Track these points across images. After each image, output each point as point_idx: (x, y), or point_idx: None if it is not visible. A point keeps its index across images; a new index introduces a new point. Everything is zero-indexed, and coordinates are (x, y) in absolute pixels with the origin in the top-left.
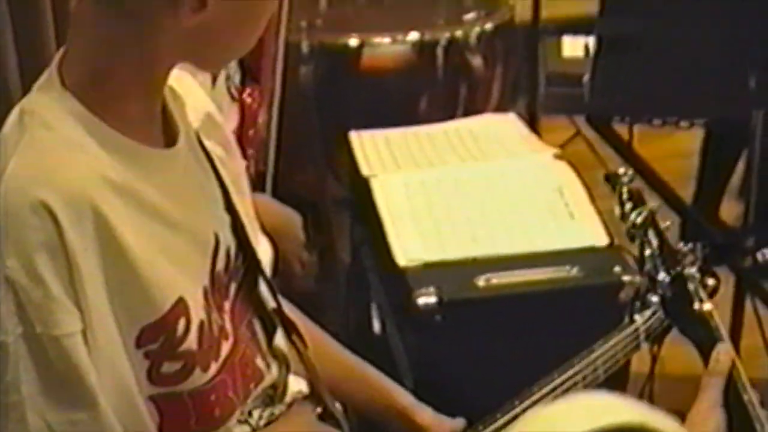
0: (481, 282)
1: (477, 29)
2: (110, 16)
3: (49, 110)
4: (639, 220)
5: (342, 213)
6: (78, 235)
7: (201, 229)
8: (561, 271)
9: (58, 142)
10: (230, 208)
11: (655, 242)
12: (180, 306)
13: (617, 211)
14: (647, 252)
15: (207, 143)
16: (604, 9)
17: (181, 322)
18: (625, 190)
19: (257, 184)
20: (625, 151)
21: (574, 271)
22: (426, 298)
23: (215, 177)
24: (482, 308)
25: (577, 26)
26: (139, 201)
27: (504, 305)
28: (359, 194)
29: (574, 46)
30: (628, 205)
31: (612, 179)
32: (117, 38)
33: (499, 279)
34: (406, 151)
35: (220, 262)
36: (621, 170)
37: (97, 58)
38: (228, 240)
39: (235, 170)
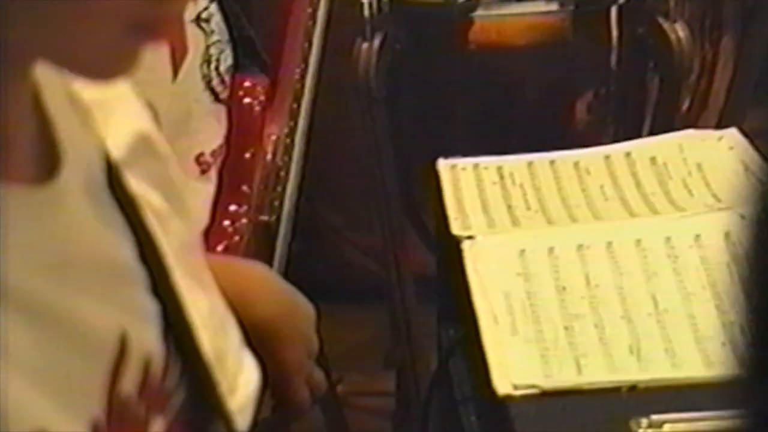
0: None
1: None
2: None
3: None
4: None
5: (428, 305)
6: None
7: (92, 322)
8: None
9: None
10: (163, 287)
11: None
12: None
13: None
14: None
15: (133, 183)
16: None
17: None
18: None
19: (256, 243)
20: None
21: None
22: None
23: (133, 237)
24: None
25: None
26: None
27: None
28: (450, 269)
29: None
30: None
31: None
32: None
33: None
34: (532, 194)
35: (128, 379)
36: None
37: None
38: (151, 342)
39: (188, 227)
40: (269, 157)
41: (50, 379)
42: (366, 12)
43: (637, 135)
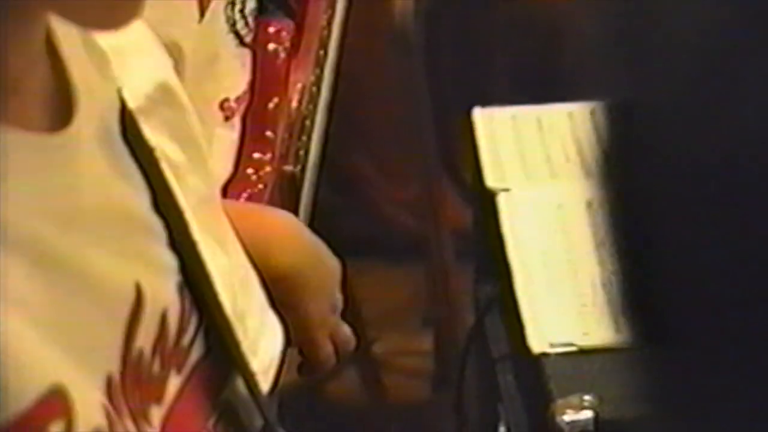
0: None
1: None
2: None
3: None
4: None
5: (466, 260)
6: None
7: (107, 274)
8: None
9: None
10: (181, 241)
11: None
12: (55, 399)
13: None
14: None
15: (149, 133)
16: None
17: (55, 428)
18: None
19: (281, 193)
20: None
21: None
22: (573, 415)
23: (149, 189)
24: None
25: None
26: None
27: None
28: (485, 223)
29: None
30: None
31: None
32: None
33: None
34: (571, 145)
35: (144, 334)
36: None
37: None
38: (167, 296)
39: (207, 181)
40: (294, 105)
41: (65, 333)
42: None
43: None
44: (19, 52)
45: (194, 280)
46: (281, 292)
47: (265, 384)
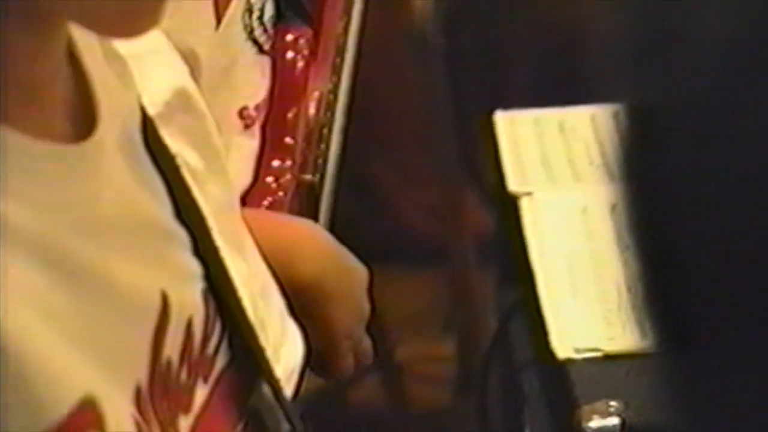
0: None
1: None
2: None
3: None
4: None
5: (487, 264)
6: None
7: (133, 284)
8: None
9: None
10: (204, 248)
11: None
12: (87, 410)
13: None
14: None
15: (169, 140)
16: None
17: None
18: None
19: (299, 202)
20: None
21: None
22: (599, 421)
23: (170, 196)
24: None
25: None
26: (21, 238)
27: None
28: (508, 228)
29: None
30: None
31: None
32: None
33: None
34: (595, 148)
35: (171, 343)
36: None
37: None
38: (192, 304)
39: (226, 187)
40: (312, 113)
41: (94, 343)
42: None
43: None
44: (41, 61)
45: (218, 286)
46: (306, 301)
47: (287, 392)
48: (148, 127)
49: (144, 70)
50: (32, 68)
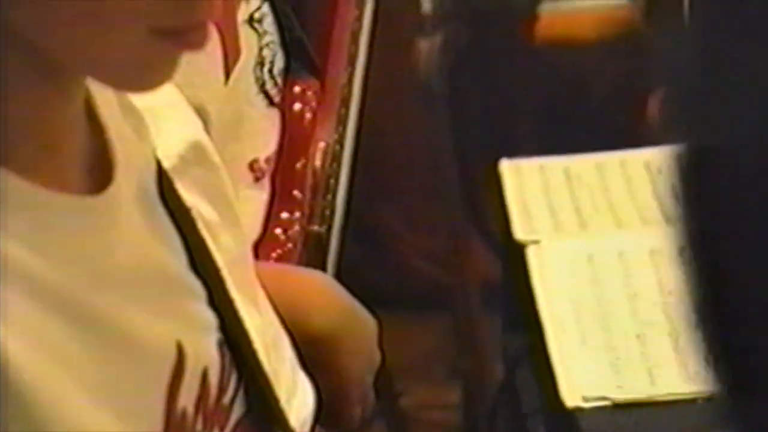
0: None
1: None
2: None
3: None
4: None
5: (493, 311)
6: None
7: (148, 334)
8: None
9: None
10: (219, 300)
11: None
12: None
13: None
14: None
15: (184, 192)
16: None
17: None
18: None
19: (307, 253)
20: None
21: None
22: None
23: (185, 248)
24: None
25: None
26: (39, 289)
27: None
28: (514, 276)
29: None
30: None
31: None
32: None
33: None
34: (601, 195)
35: (186, 393)
36: None
37: None
38: (208, 355)
39: (239, 239)
40: (318, 164)
41: (111, 393)
42: (426, 8)
43: None
44: (59, 114)
45: (233, 337)
46: (319, 353)
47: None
48: (163, 180)
49: (159, 123)
50: (50, 121)
